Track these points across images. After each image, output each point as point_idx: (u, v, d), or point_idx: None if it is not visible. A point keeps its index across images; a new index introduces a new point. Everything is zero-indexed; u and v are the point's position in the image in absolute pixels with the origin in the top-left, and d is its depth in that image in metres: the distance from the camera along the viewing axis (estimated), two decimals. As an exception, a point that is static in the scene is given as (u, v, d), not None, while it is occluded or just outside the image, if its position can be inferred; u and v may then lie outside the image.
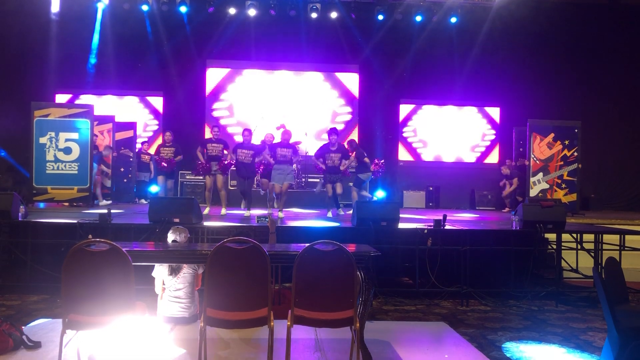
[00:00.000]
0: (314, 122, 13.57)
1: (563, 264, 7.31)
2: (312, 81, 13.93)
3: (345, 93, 13.98)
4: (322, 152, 8.75)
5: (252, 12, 12.86)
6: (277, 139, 8.97)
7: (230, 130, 13.39)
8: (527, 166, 10.58)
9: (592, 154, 12.42)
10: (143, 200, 11.53)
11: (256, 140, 9.72)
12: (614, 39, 12.85)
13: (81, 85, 13.19)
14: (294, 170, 8.55)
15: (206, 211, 8.43)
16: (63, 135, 9.74)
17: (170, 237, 4.88)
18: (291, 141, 8.70)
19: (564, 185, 10.52)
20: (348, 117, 13.92)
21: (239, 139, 10.00)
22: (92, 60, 13.10)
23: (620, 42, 12.92)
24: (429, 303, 6.22)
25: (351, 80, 14.02)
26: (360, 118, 13.91)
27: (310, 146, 12.03)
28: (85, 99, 12.99)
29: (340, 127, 13.82)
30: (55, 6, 12.51)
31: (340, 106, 13.96)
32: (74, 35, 12.77)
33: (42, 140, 9.67)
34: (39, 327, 4.80)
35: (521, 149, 11.37)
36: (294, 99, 13.81)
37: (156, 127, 13.60)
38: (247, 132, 8.86)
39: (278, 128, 8.84)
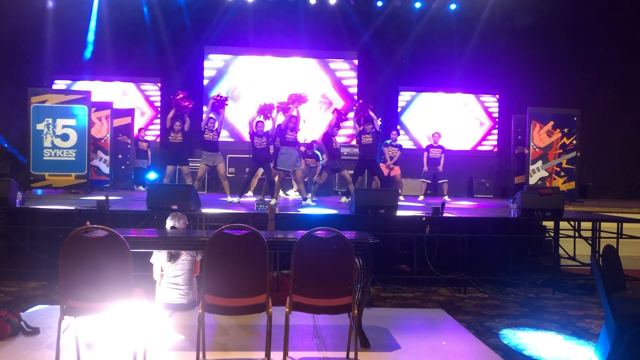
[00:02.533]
0: (312, 109, 13.49)
1: (560, 251, 7.33)
2: (311, 68, 13.84)
3: (344, 80, 13.90)
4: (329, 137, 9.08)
5: (250, -3, 12.76)
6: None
7: (228, 116, 13.31)
8: (527, 154, 10.57)
9: (590, 142, 12.39)
10: (141, 187, 11.51)
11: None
12: (614, 26, 12.76)
13: (79, 72, 13.08)
14: (300, 153, 8.44)
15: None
16: (60, 122, 9.68)
17: (169, 223, 4.87)
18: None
19: (562, 173, 10.52)
20: (347, 104, 13.85)
21: (237, 125, 9.91)
22: (90, 46, 12.99)
23: (621, 29, 12.83)
24: (427, 290, 6.24)
25: (350, 67, 13.93)
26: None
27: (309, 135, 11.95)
28: (82, 85, 12.91)
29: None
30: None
31: (339, 93, 13.89)
32: (71, 21, 12.65)
33: (39, 126, 9.61)
34: (37, 313, 4.80)
35: (520, 137, 11.36)
36: (293, 86, 13.71)
37: (154, 114, 13.53)
38: (261, 121, 8.75)
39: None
